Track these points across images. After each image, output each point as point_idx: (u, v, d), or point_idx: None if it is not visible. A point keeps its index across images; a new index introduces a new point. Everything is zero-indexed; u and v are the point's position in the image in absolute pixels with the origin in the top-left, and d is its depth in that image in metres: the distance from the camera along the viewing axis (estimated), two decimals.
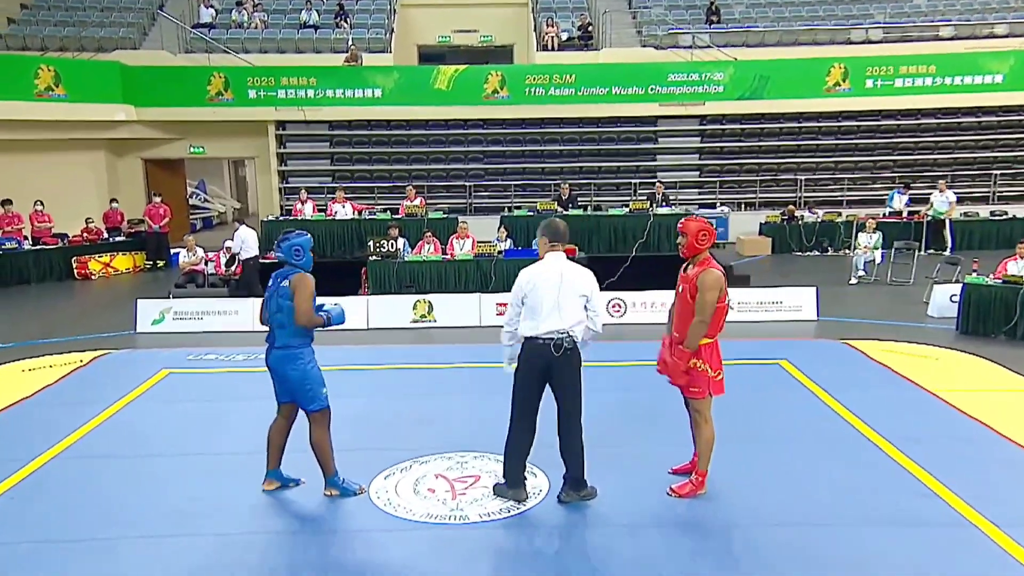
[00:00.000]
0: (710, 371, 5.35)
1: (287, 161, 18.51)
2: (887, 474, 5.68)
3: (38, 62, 16.06)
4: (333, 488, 5.34)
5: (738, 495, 5.40)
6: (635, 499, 5.34)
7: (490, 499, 5.34)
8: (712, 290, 5.22)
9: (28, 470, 5.76)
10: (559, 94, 18.55)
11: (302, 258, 5.25)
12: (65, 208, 16.00)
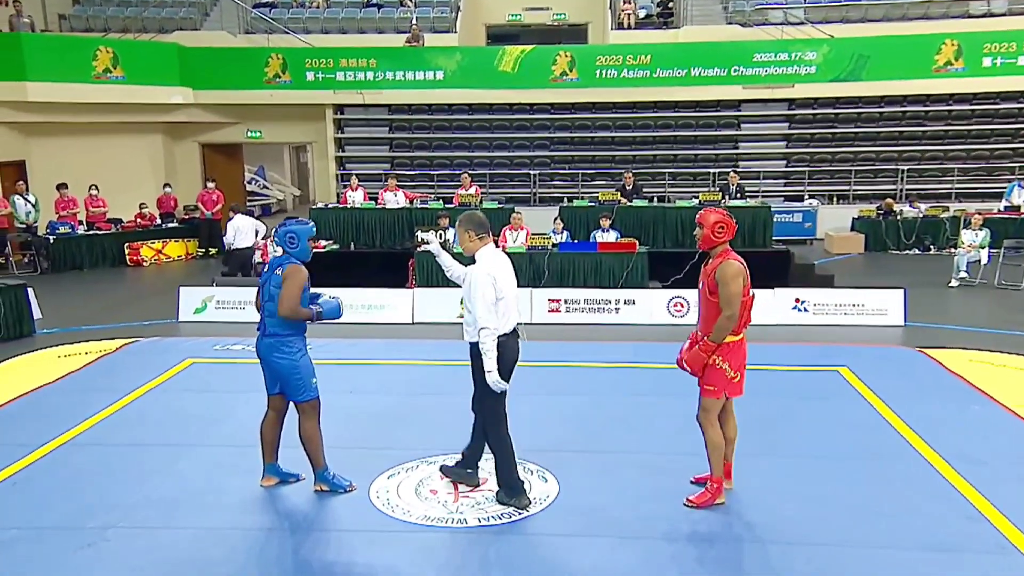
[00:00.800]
0: (729, 371, 5.32)
1: (345, 147, 19.01)
2: (933, 494, 5.53)
3: (96, 44, 16.97)
4: (323, 483, 5.53)
5: (762, 509, 5.36)
6: (649, 508, 5.35)
7: (492, 503, 5.44)
8: (733, 281, 5.20)
9: (35, 456, 6.18)
10: (633, 76, 18.44)
11: (296, 246, 5.38)
12: (121, 193, 16.89)
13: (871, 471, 5.90)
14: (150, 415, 7.10)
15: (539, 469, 5.96)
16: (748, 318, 5.41)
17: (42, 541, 4.89)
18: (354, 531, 5.09)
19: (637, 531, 5.06)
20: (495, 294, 5.09)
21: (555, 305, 12.10)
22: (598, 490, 5.61)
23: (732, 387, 5.40)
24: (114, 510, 5.29)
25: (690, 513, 5.30)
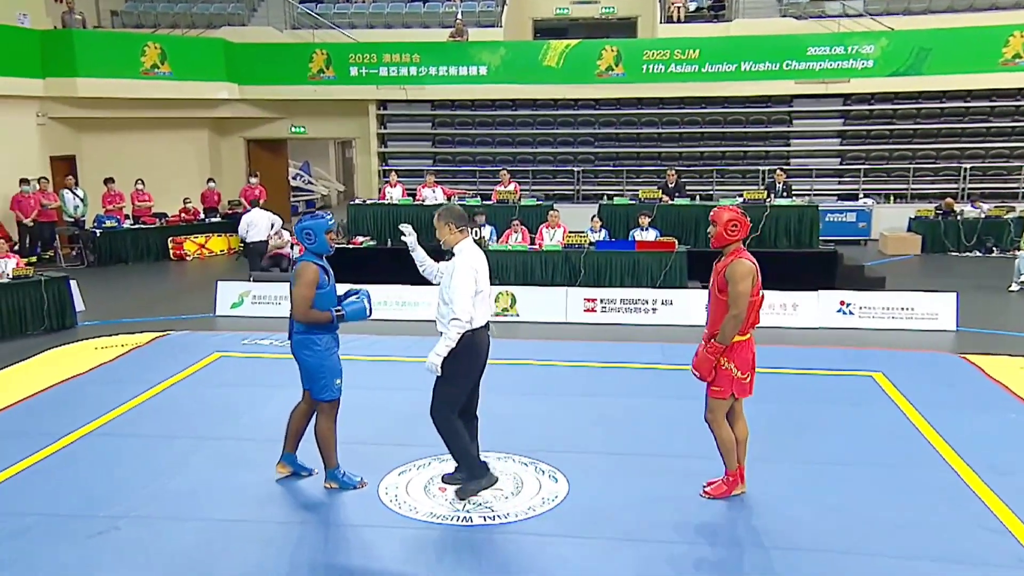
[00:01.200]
0: (735, 371, 5.34)
1: (387, 142, 19.26)
2: (955, 505, 5.47)
3: (144, 40, 17.50)
4: (333, 481, 5.67)
5: (772, 514, 5.37)
6: (656, 510, 5.40)
7: (499, 502, 5.51)
8: (742, 281, 5.21)
9: (58, 445, 6.46)
10: (680, 71, 18.32)
11: (314, 241, 5.48)
12: (167, 187, 17.41)
13: (893, 479, 5.84)
14: (173, 407, 7.36)
15: (551, 469, 6.03)
16: (756, 318, 5.43)
17: (57, 528, 5.13)
18: (358, 526, 5.23)
19: (640, 533, 5.11)
20: (476, 287, 5.17)
21: (591, 304, 12.10)
22: (607, 492, 5.66)
23: (740, 387, 5.41)
24: (128, 499, 5.52)
25: (697, 516, 5.33)
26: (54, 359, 9.12)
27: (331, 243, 5.57)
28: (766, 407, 7.20)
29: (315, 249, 5.52)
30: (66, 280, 11.48)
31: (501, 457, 6.21)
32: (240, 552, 4.88)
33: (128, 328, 10.77)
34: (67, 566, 4.72)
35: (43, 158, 16.70)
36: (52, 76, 16.54)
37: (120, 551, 4.87)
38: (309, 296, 5.33)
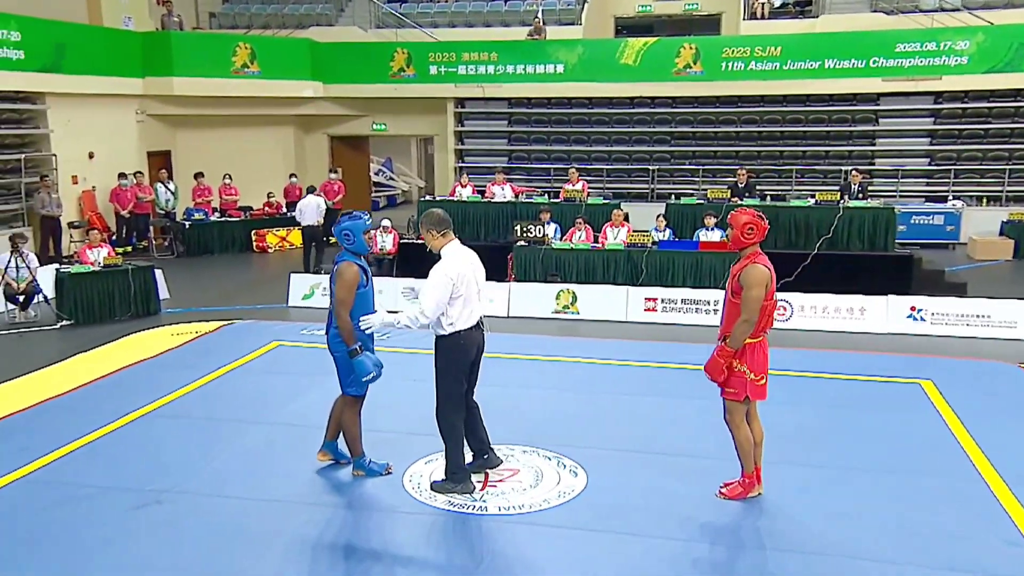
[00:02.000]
0: (749, 374, 5.40)
1: (464, 139, 19.62)
2: (978, 516, 5.41)
3: (236, 40, 18.35)
4: (359, 469, 5.98)
5: (784, 518, 5.42)
6: (668, 508, 5.52)
7: (517, 493, 5.72)
8: (756, 286, 5.26)
9: (116, 425, 7.00)
10: (760, 69, 18.04)
11: (352, 242, 5.74)
12: (254, 182, 18.23)
13: (916, 487, 5.80)
14: (228, 392, 7.86)
15: (573, 464, 6.19)
16: (770, 322, 5.47)
17: (104, 499, 5.62)
18: (380, 510, 5.53)
19: (649, 530, 5.24)
20: (450, 294, 5.35)
21: (651, 304, 12.14)
22: (624, 488, 5.80)
23: (755, 390, 5.46)
24: (173, 476, 5.98)
25: (707, 516, 5.42)
26: (132, 344, 9.79)
27: (369, 243, 5.83)
28: (800, 411, 7.22)
29: (354, 249, 5.77)
30: (151, 269, 12.25)
31: (527, 450, 6.42)
32: (265, 529, 5.25)
33: (206, 316, 11.41)
34: (107, 534, 5.18)
35: (141, 153, 17.74)
36: (151, 76, 17.54)
37: (156, 523, 5.30)
38: (349, 301, 5.58)
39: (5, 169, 14.96)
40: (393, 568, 4.85)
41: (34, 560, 4.89)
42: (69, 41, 15.75)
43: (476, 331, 5.58)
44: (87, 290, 11.55)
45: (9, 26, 14.64)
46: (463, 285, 5.41)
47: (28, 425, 7.04)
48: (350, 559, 4.95)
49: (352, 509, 5.55)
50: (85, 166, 16.32)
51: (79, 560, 4.88)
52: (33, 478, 5.97)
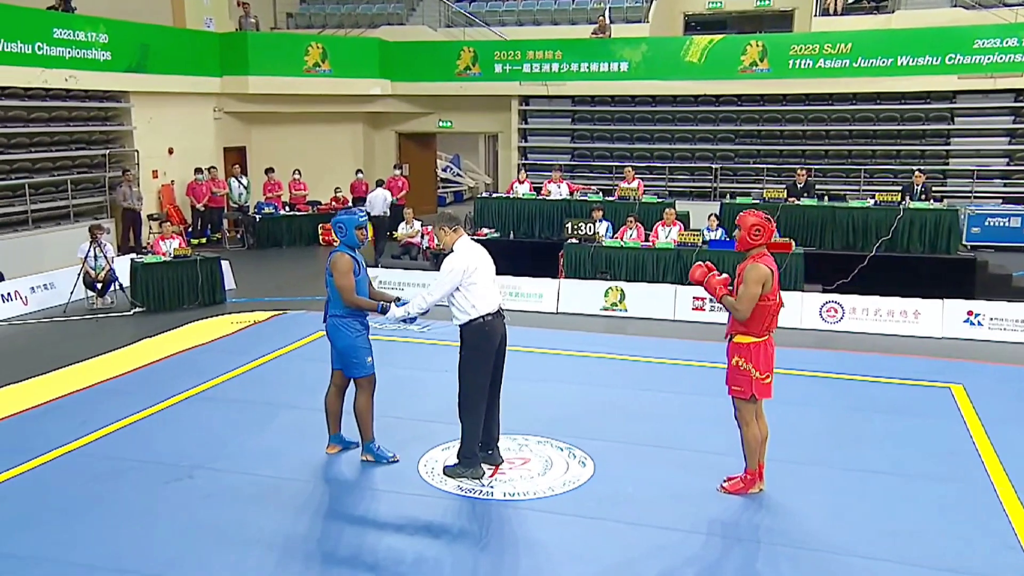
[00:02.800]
0: (754, 372, 5.56)
1: (528, 137, 19.91)
2: (979, 520, 5.47)
3: (308, 40, 19.07)
4: (368, 453, 6.35)
5: (783, 514, 5.58)
6: (667, 500, 5.74)
7: (524, 480, 6.00)
8: (754, 283, 5.44)
9: (165, 405, 7.58)
10: (830, 66, 17.75)
11: (345, 234, 6.15)
12: (323, 177, 18.94)
13: (923, 491, 5.87)
14: (270, 378, 8.40)
15: (583, 455, 6.44)
16: (774, 322, 5.61)
17: (143, 472, 6.16)
18: (392, 492, 5.91)
19: (646, 520, 5.46)
20: (459, 282, 5.72)
21: (699, 303, 12.21)
22: (628, 479, 6.02)
23: (760, 388, 5.62)
24: (207, 454, 6.49)
25: (706, 509, 5.62)
26: (192, 331, 10.43)
27: (360, 238, 6.20)
28: (822, 413, 7.30)
29: (346, 242, 6.19)
30: (218, 260, 12.94)
31: (541, 441, 6.70)
32: (285, 505, 5.68)
33: (267, 306, 12.01)
34: (142, 503, 5.70)
35: (217, 149, 18.63)
36: (228, 74, 18.40)
37: (186, 495, 5.80)
38: (351, 284, 5.99)
39: (91, 164, 15.94)
40: (398, 544, 5.21)
41: (76, 523, 5.42)
42: (152, 42, 16.66)
43: (498, 318, 5.87)
44: (158, 279, 12.29)
45: (98, 29, 15.59)
46: (476, 273, 5.75)
47: (89, 402, 7.67)
48: (359, 535, 5.33)
49: (367, 490, 5.94)
50: (165, 161, 17.26)
51: (114, 524, 5.40)
52: (87, 450, 6.56)
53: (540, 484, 5.96)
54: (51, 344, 10.19)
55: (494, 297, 5.88)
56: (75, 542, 5.16)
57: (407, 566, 4.92)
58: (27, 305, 12.14)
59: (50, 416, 7.32)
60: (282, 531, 5.30)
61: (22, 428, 7.05)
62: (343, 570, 4.94)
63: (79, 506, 5.63)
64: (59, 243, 13.91)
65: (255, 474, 6.12)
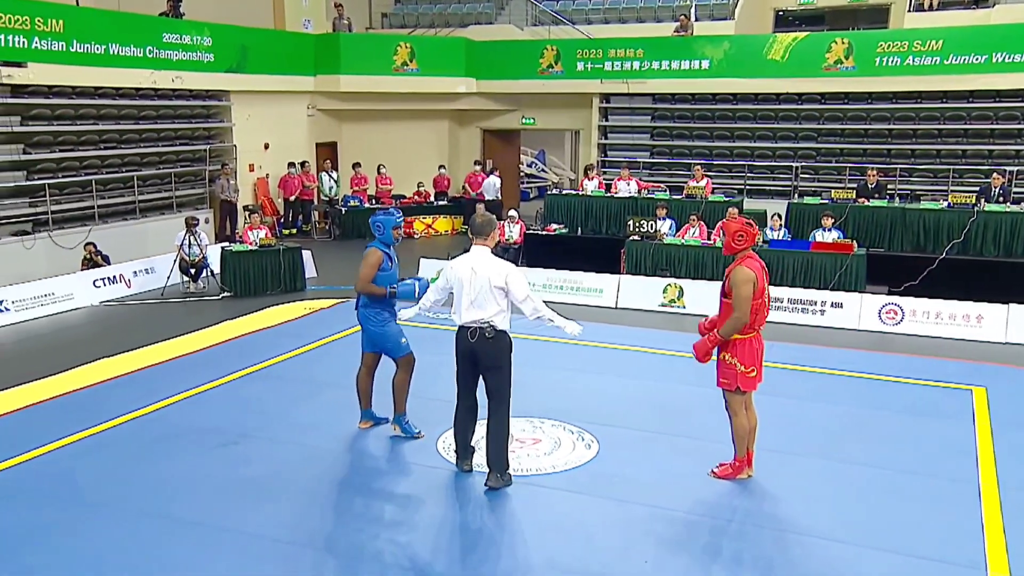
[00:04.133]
0: (739, 366, 5.96)
1: (608, 134, 20.31)
2: (955, 514, 5.75)
3: (397, 40, 20.04)
4: (397, 425, 7.05)
5: (767, 499, 6.04)
6: (661, 482, 6.24)
7: (532, 458, 6.58)
8: (743, 284, 5.85)
9: (223, 380, 8.53)
10: (919, 64, 17.45)
11: (382, 233, 6.86)
12: (409, 172, 19.88)
13: (910, 485, 6.20)
14: (322, 359, 9.28)
15: (591, 439, 6.97)
16: (762, 319, 5.99)
17: (196, 438, 7.07)
18: (408, 463, 6.62)
19: (636, 498, 5.98)
20: (447, 283, 6.13)
21: None
22: (628, 462, 6.54)
23: (745, 381, 6.02)
24: (255, 424, 7.36)
25: (693, 491, 6.10)
26: (268, 314, 11.44)
27: (396, 236, 6.88)
28: (836, 410, 7.60)
29: (382, 239, 6.89)
30: (299, 250, 13.99)
31: (555, 424, 7.26)
32: (313, 470, 6.48)
33: (343, 294, 12.91)
34: (191, 463, 6.58)
35: (310, 144, 19.84)
36: (321, 73, 19.55)
37: (229, 459, 6.66)
38: (370, 275, 6.71)
39: (193, 158, 17.31)
40: (403, 508, 5.94)
41: (132, 478, 6.33)
42: (251, 44, 17.92)
43: (462, 330, 5.97)
44: (245, 266, 13.42)
45: (202, 32, 16.92)
46: (456, 286, 6.01)
47: (162, 376, 8.70)
48: (371, 500, 6.05)
49: (388, 461, 6.68)
50: (260, 155, 18.53)
51: (165, 479, 6.29)
52: (152, 417, 7.54)
53: (545, 462, 6.53)
54: (146, 324, 11.38)
55: (465, 312, 5.94)
56: (131, 494, 6.05)
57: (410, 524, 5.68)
58: (130, 287, 13.49)
59: (128, 386, 8.38)
60: (311, 489, 6.08)
61: (106, 394, 8.11)
62: (360, 524, 5.67)
63: (135, 463, 6.56)
64: (162, 231, 15.26)
65: (294, 443, 6.94)
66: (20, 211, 13.91)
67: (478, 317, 5.91)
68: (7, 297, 11.67)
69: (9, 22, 13.14)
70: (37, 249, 13.60)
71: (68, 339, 10.74)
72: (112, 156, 15.59)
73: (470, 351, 5.98)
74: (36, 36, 13.62)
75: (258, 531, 5.46)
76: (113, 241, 14.49)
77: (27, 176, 14.06)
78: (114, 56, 15.06)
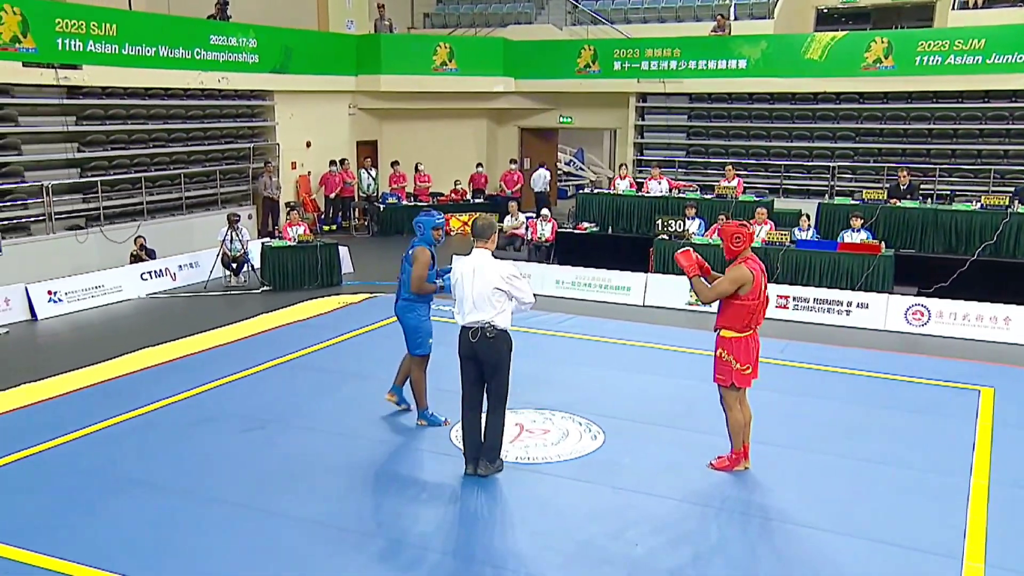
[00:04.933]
0: (735, 363, 6.28)
1: (644, 133, 20.56)
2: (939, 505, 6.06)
3: (437, 40, 20.54)
4: (422, 419, 7.50)
5: (760, 490, 6.35)
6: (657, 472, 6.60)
7: (538, 447, 6.97)
8: (728, 282, 6.22)
9: (257, 369, 9.07)
10: (960, 63, 17.39)
11: (423, 233, 7.30)
12: (447, 170, 20.36)
13: (902, 479, 6.48)
14: (348, 352, 9.79)
15: (598, 430, 7.32)
16: (758, 319, 6.31)
17: (226, 422, 7.61)
18: (421, 450, 7.05)
19: (632, 486, 6.33)
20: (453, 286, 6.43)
21: (783, 301, 12.65)
22: (629, 453, 6.87)
23: (740, 378, 6.34)
24: (282, 410, 7.87)
25: (689, 481, 6.44)
26: (303, 308, 11.98)
27: (437, 237, 7.31)
28: (844, 407, 7.90)
29: (424, 239, 7.32)
30: (336, 246, 14.54)
31: (565, 416, 7.63)
32: (334, 453, 6.96)
33: (378, 289, 13.42)
34: (219, 444, 7.12)
35: (351, 142, 20.46)
36: (362, 73, 20.14)
37: (255, 443, 7.17)
38: (424, 275, 7.14)
39: (237, 156, 18.01)
40: (407, 487, 6.39)
41: (168, 457, 6.87)
42: (295, 45, 18.56)
43: (463, 331, 6.25)
44: (283, 262, 14.01)
45: (248, 34, 17.59)
46: (457, 285, 6.31)
47: (201, 364, 9.27)
48: (381, 482, 6.50)
49: (400, 447, 7.12)
50: (303, 153, 19.17)
51: (194, 458, 6.83)
52: (189, 402, 8.10)
53: (551, 451, 6.92)
54: (188, 315, 12.03)
55: (467, 313, 6.20)
56: (167, 472, 6.59)
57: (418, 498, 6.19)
58: (175, 280, 14.17)
59: (169, 373, 8.95)
60: (326, 473, 6.55)
61: (148, 381, 8.69)
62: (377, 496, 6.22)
63: (170, 442, 7.13)
64: (206, 227, 15.93)
65: (318, 429, 7.44)
66: (74, 207, 14.70)
67: (479, 318, 6.16)
68: (61, 289, 12.40)
69: (66, 27, 13.88)
70: (90, 243, 14.35)
71: (116, 329, 11.42)
72: (161, 154, 16.33)
73: (471, 349, 6.24)
74: (91, 39, 14.36)
75: (283, 510, 5.94)
76: (160, 236, 15.20)
77: (81, 173, 14.84)
78: (164, 58, 15.77)
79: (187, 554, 5.34)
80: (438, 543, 5.57)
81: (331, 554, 5.37)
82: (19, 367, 9.43)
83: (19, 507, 5.95)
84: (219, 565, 5.23)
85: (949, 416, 7.68)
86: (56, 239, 14.00)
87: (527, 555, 5.38)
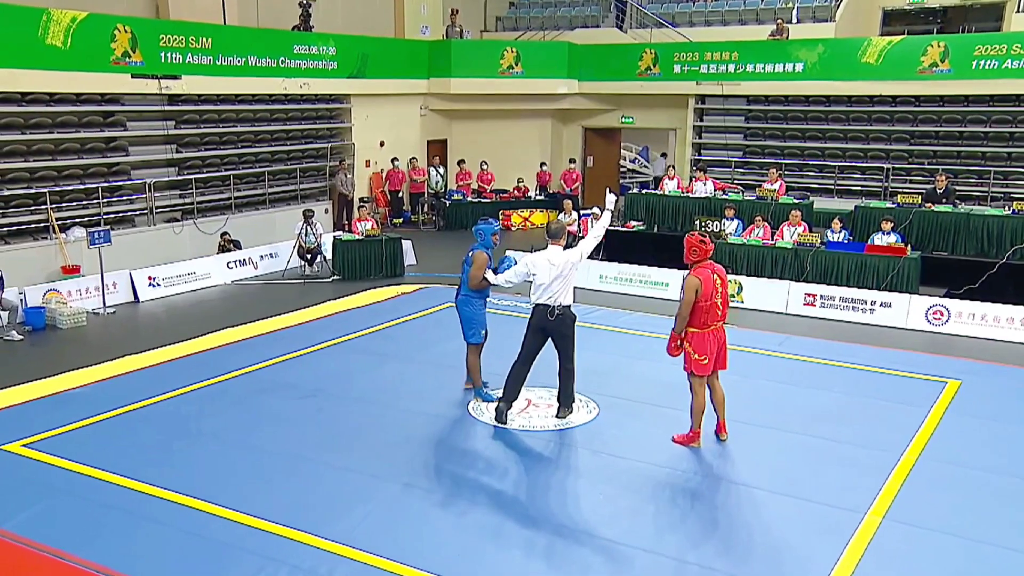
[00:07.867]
0: (693, 354, 7.58)
1: (703, 134, 21.59)
2: (869, 475, 7.22)
3: (504, 45, 22.01)
4: (478, 397, 8.97)
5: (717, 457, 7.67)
6: (634, 443, 7.94)
7: (539, 418, 8.40)
8: (687, 291, 7.46)
9: (312, 349, 10.79)
10: (1018, 67, 17.88)
11: (481, 239, 8.77)
12: (513, 168, 21.88)
13: (844, 453, 7.70)
14: (396, 335, 11.40)
15: (595, 407, 8.72)
16: (711, 317, 7.53)
17: (284, 391, 9.31)
18: (442, 417, 8.60)
19: (608, 450, 7.73)
20: (529, 270, 8.05)
21: (811, 299, 13.71)
22: (615, 425, 8.24)
23: (698, 366, 7.63)
24: (330, 383, 9.53)
25: (668, 451, 7.76)
26: (367, 296, 13.69)
27: (495, 241, 8.78)
28: (818, 394, 9.08)
29: (482, 243, 8.80)
30: (399, 240, 16.21)
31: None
32: (367, 418, 8.60)
33: (436, 281, 15.00)
34: (276, 408, 8.79)
35: (422, 142, 22.17)
36: (434, 77, 21.81)
37: (304, 410, 8.80)
38: (480, 275, 8.55)
39: (316, 155, 19.91)
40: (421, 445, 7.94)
41: (233, 416, 8.61)
42: (372, 51, 20.33)
43: (542, 308, 8.01)
44: (352, 254, 15.77)
45: (328, 43, 19.43)
46: (538, 273, 7.98)
47: (272, 342, 11.04)
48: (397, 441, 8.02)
49: (423, 416, 8.61)
50: (376, 152, 20.97)
51: (254, 418, 8.54)
52: (256, 375, 9.85)
53: (550, 422, 8.35)
54: (267, 300, 13.88)
55: (548, 294, 7.96)
56: (231, 429, 8.31)
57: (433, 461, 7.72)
58: (256, 269, 16.10)
59: (244, 350, 10.76)
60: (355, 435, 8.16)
61: (225, 355, 10.49)
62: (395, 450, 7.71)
63: (238, 406, 8.87)
64: (287, 220, 17.83)
65: (363, 401, 9.07)
66: (172, 202, 16.79)
67: (549, 301, 7.98)
68: (159, 275, 14.45)
69: (169, 42, 15.94)
70: (184, 234, 16.40)
71: (204, 311, 13.36)
72: (247, 154, 18.34)
73: (544, 324, 8.04)
74: (189, 52, 16.39)
75: (329, 460, 7.55)
76: (246, 228, 17.18)
77: (178, 172, 16.92)
78: (252, 67, 17.73)
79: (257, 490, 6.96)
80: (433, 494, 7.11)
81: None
82: (123, 341, 11.41)
83: (123, 450, 7.71)
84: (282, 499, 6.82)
85: (908, 404, 8.78)
86: (156, 231, 16.09)
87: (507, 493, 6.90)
